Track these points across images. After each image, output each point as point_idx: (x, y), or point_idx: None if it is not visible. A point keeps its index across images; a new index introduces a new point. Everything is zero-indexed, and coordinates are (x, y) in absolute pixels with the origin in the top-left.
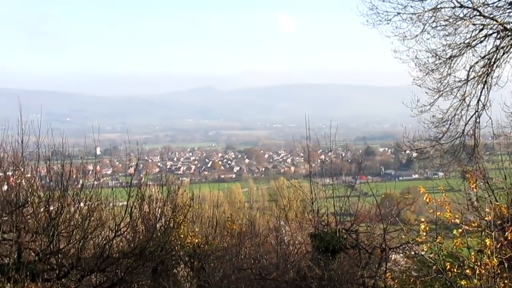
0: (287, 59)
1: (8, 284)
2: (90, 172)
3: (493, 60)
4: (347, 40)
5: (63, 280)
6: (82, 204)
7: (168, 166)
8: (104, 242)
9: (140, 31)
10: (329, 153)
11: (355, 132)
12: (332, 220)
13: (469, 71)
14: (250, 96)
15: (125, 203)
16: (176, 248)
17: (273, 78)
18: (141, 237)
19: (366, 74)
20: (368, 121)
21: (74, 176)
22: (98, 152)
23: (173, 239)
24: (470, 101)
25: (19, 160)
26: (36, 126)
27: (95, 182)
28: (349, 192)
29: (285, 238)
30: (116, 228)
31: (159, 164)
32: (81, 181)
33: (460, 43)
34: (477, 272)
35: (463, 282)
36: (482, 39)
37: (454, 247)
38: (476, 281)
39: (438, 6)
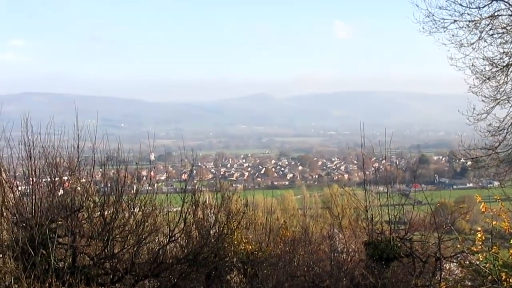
0: (341, 66)
1: (63, 287)
2: (144, 177)
3: None
4: (402, 47)
5: (116, 285)
6: (136, 210)
7: (221, 173)
8: (158, 247)
9: (196, 39)
10: (383, 161)
11: (409, 140)
12: (386, 228)
13: None
14: (304, 102)
15: (179, 209)
16: (230, 254)
17: (327, 85)
18: (194, 243)
19: (421, 81)
20: (423, 129)
21: (129, 182)
22: (152, 158)
23: (226, 245)
24: None
25: (75, 165)
26: (91, 132)
27: (149, 188)
28: (403, 200)
29: (338, 245)
30: (170, 234)
31: (212, 170)
32: (135, 187)
33: None
34: None
35: None
36: None
37: (510, 257)
38: None
39: (495, 14)
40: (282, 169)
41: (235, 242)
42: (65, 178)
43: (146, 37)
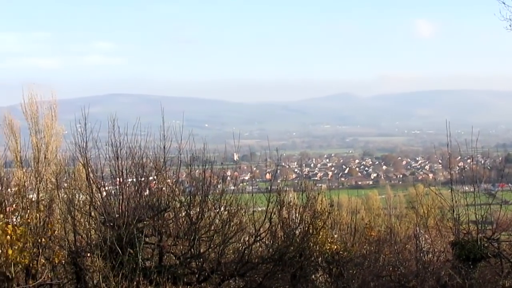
0: (425, 65)
1: (150, 287)
2: (229, 177)
3: None
4: (486, 45)
5: (202, 284)
6: (222, 209)
7: (305, 172)
8: (243, 247)
9: (279, 38)
10: (469, 160)
11: (494, 139)
12: (473, 228)
13: None
14: (388, 102)
15: (264, 208)
16: (315, 254)
17: (410, 84)
18: (280, 242)
19: (506, 80)
20: (509, 127)
21: (214, 182)
22: (236, 158)
23: (312, 245)
24: None
25: (161, 165)
26: (177, 132)
27: (234, 188)
28: (490, 200)
29: (424, 246)
30: (256, 234)
31: (296, 170)
32: (221, 187)
33: None
34: None
35: None
36: None
37: None
38: None
39: None
40: (366, 168)
41: (320, 242)
42: (152, 178)
43: (230, 37)
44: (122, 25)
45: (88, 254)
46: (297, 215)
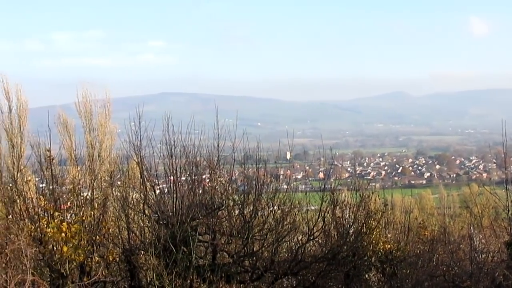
0: (479, 63)
1: (203, 285)
2: (281, 176)
3: None
4: None
5: (255, 282)
6: (275, 208)
7: (358, 171)
8: (297, 246)
9: (332, 37)
10: None
11: None
12: None
13: None
14: (441, 101)
15: (317, 207)
16: (368, 253)
17: (464, 83)
18: (333, 241)
19: None
20: None
21: (267, 180)
22: (289, 156)
23: (365, 244)
24: None
25: (215, 164)
26: (230, 131)
27: (288, 186)
28: None
29: (478, 245)
30: (309, 233)
31: (349, 169)
32: (274, 185)
33: None
34: None
35: None
36: None
37: None
38: None
39: None
40: (419, 168)
41: (374, 241)
42: (205, 176)
43: (282, 35)
44: (174, 23)
45: (142, 252)
46: (350, 214)
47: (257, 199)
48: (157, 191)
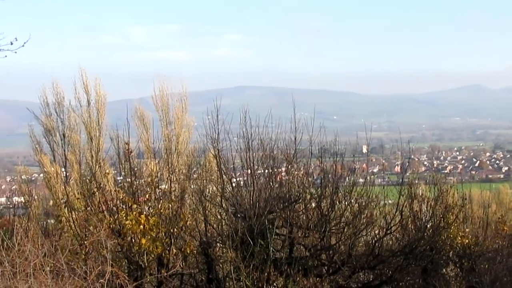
0: None
1: (280, 278)
2: (357, 170)
3: None
4: None
5: (332, 276)
6: (353, 201)
7: (435, 165)
8: (374, 240)
9: (406, 29)
10: None
11: None
12: None
13: None
14: None
15: (393, 201)
16: (446, 248)
17: None
18: (410, 236)
19: None
20: None
21: (344, 174)
22: (365, 150)
23: (443, 238)
24: None
25: (292, 157)
26: (308, 124)
27: (365, 180)
28: None
29: None
30: (387, 227)
31: (425, 163)
32: (351, 179)
33: None
34: None
35: None
36: None
37: None
38: None
39: None
40: (497, 162)
41: (452, 236)
42: (282, 170)
43: (357, 28)
44: (250, 17)
45: (219, 245)
46: (428, 208)
47: (334, 192)
48: (234, 184)
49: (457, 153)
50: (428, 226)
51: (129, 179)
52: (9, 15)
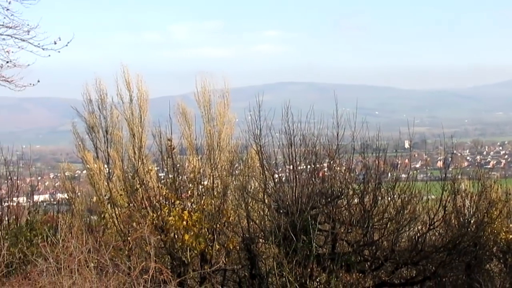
0: None
1: (323, 274)
2: (399, 165)
3: None
4: None
5: (375, 272)
6: (395, 197)
7: (477, 160)
8: (417, 235)
9: (448, 24)
10: None
11: None
12: None
13: None
14: None
15: (436, 196)
16: (490, 243)
17: None
18: (454, 231)
19: None
20: None
21: (387, 170)
22: (407, 145)
23: (487, 234)
24: None
25: (334, 152)
26: (350, 120)
27: (407, 175)
28: None
29: None
30: (430, 222)
31: (468, 158)
32: (394, 174)
33: None
34: None
35: None
36: None
37: None
38: None
39: None
40: None
41: (495, 231)
42: (324, 165)
43: (399, 23)
44: (291, 13)
45: (262, 241)
46: (471, 203)
47: (377, 188)
48: (277, 180)
49: (500, 147)
50: (472, 221)
51: (172, 176)
52: (52, 13)
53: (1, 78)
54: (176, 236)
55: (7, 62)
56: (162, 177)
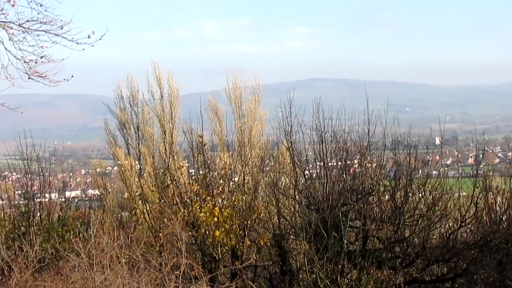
0: None
1: (354, 270)
2: (430, 162)
3: None
4: None
5: (406, 269)
6: (427, 194)
7: (509, 157)
8: (448, 232)
9: (480, 19)
10: None
11: None
12: None
13: None
14: None
15: (467, 193)
16: None
17: None
18: (485, 228)
19: None
20: None
21: (418, 166)
22: (438, 142)
23: None
24: None
25: (365, 149)
26: (381, 116)
27: (438, 172)
28: None
29: None
30: (461, 219)
31: (499, 154)
32: (425, 171)
33: None
34: None
35: None
36: None
37: None
38: None
39: None
40: None
41: None
42: (355, 162)
43: (429, 19)
44: (320, 10)
45: (292, 237)
46: (504, 200)
47: (408, 184)
48: (307, 177)
49: None
50: (504, 218)
51: (203, 172)
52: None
53: (36, 73)
54: (207, 232)
55: (41, 57)
56: (193, 173)
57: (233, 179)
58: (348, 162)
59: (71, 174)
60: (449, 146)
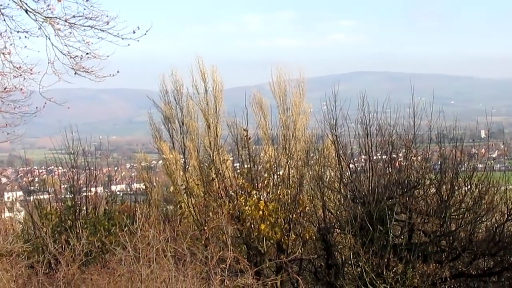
0: None
1: (400, 264)
2: (476, 155)
3: None
4: None
5: (452, 262)
6: (473, 187)
7: None
8: (495, 226)
9: None
10: None
11: None
12: None
13: None
14: None
15: None
16: None
17: None
18: None
19: None
20: None
21: (464, 159)
22: (483, 135)
23: None
24: None
25: (410, 142)
26: (426, 109)
27: (484, 165)
28: None
29: None
30: (508, 213)
31: None
32: (472, 164)
33: None
34: None
35: None
36: None
37: None
38: None
39: None
40: None
41: None
42: (400, 155)
43: (473, 10)
44: (365, 2)
45: (338, 231)
46: None
47: (454, 178)
48: (352, 170)
49: None
50: None
51: (247, 166)
52: (128, 5)
53: (82, 69)
54: (252, 226)
55: (87, 53)
56: (238, 167)
57: (278, 172)
58: (394, 155)
59: (116, 168)
60: (495, 139)
